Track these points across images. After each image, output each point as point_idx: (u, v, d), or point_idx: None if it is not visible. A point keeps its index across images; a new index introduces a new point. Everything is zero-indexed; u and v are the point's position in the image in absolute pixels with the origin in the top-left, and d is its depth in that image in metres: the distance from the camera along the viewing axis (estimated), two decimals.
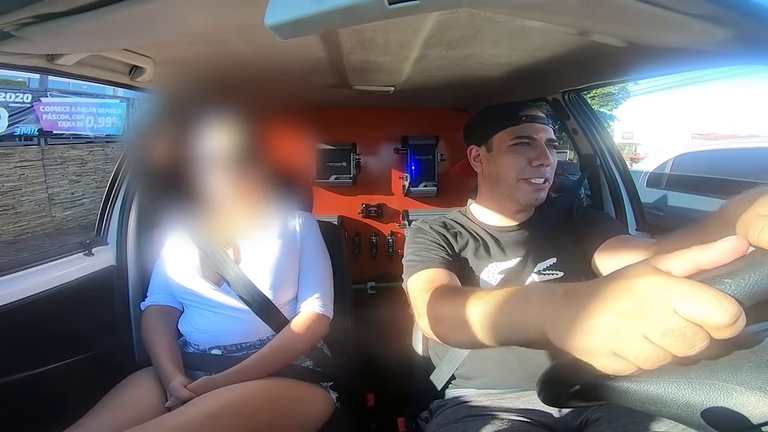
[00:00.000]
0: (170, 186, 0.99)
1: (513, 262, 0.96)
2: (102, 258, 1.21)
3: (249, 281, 1.04)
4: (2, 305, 0.90)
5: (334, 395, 1.09)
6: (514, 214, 1.01)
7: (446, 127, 1.97)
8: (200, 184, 0.99)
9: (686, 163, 4.04)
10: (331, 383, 1.11)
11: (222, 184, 1.00)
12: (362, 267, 1.99)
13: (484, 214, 1.04)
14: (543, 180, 0.94)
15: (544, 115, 0.96)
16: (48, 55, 0.74)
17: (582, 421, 0.82)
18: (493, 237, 1.00)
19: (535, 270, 0.95)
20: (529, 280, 0.94)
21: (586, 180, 1.38)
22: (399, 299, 1.12)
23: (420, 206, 2.00)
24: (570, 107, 1.34)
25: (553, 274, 0.95)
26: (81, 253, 1.17)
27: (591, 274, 0.92)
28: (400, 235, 1.99)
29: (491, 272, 0.95)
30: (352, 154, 1.90)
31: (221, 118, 0.99)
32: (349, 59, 1.04)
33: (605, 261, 0.88)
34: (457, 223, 1.04)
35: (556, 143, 0.96)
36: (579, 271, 0.94)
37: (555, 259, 0.96)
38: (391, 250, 2.00)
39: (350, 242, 1.96)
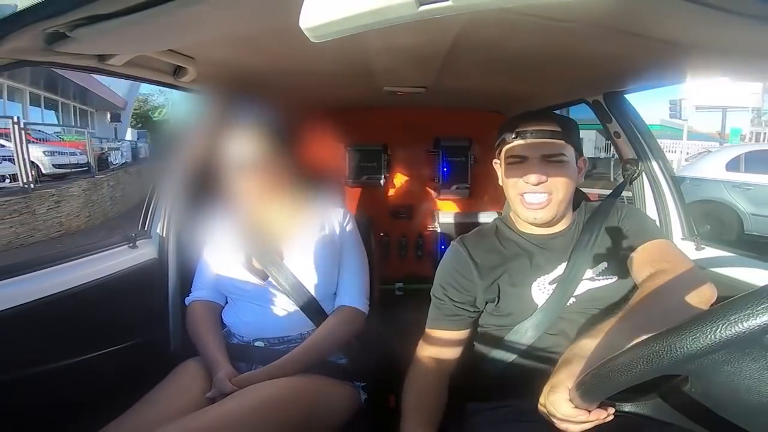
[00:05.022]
0: (213, 184, 1.02)
1: (561, 269, 0.93)
2: (145, 251, 1.26)
3: (293, 276, 1.07)
4: (51, 294, 0.95)
5: (363, 395, 1.11)
6: (546, 224, 0.99)
7: (480, 129, 1.94)
8: (241, 183, 1.02)
9: None
10: (364, 384, 1.12)
11: (261, 183, 1.03)
12: (390, 267, 1.98)
13: (523, 222, 1.01)
14: (541, 199, 0.91)
15: (541, 128, 0.91)
16: (99, 55, 0.79)
17: (622, 428, 0.79)
18: (537, 246, 0.98)
19: (587, 276, 0.92)
20: (582, 289, 0.92)
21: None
22: (427, 301, 1.11)
23: (451, 208, 1.98)
24: (612, 110, 1.28)
25: (607, 279, 0.92)
26: (126, 246, 1.23)
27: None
28: (429, 237, 1.97)
29: (542, 285, 0.94)
30: (383, 155, 1.91)
31: (259, 118, 1.02)
32: (380, 60, 1.05)
33: (633, 266, 0.89)
34: (497, 236, 1.03)
35: (561, 157, 0.91)
36: (629, 273, 0.91)
37: (606, 263, 0.93)
38: (420, 251, 1.99)
39: (379, 242, 1.97)
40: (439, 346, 1.00)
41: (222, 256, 1.14)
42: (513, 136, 0.93)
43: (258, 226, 1.10)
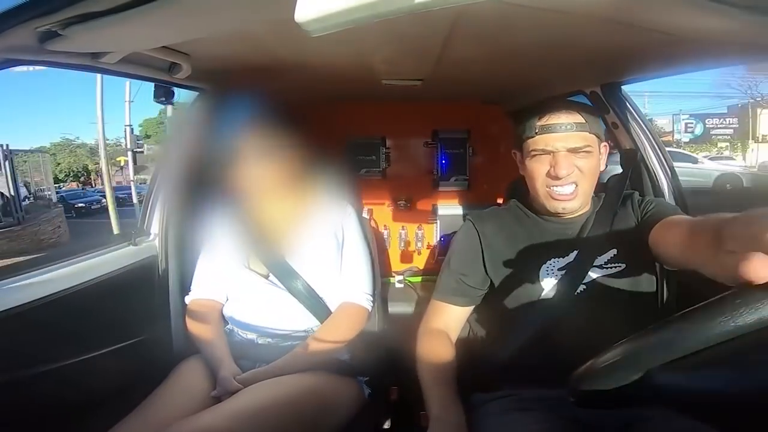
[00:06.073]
0: (207, 179, 1.02)
1: (571, 257, 0.95)
2: (145, 249, 1.26)
3: (295, 272, 1.07)
4: (52, 294, 0.95)
5: (367, 390, 1.11)
6: (572, 213, 1.00)
7: (478, 120, 1.93)
8: (239, 178, 1.02)
9: None
10: (367, 378, 1.13)
11: (259, 178, 1.02)
12: (390, 261, 1.99)
13: (540, 207, 1.02)
14: (568, 191, 0.93)
15: (567, 122, 0.92)
16: (92, 53, 0.78)
17: (629, 421, 0.80)
18: (550, 230, 1.00)
19: (596, 264, 0.94)
20: (591, 276, 0.94)
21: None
22: (427, 294, 1.12)
23: (450, 200, 1.98)
24: (609, 101, 1.28)
25: (615, 267, 0.94)
26: (126, 244, 1.23)
27: (651, 263, 0.92)
28: (429, 230, 1.97)
29: (551, 268, 0.95)
30: (381, 148, 1.90)
31: (255, 113, 1.01)
32: (376, 53, 1.04)
33: (659, 240, 0.86)
34: (512, 217, 1.05)
35: (587, 148, 0.92)
36: (639, 261, 0.93)
37: (615, 251, 0.95)
38: (419, 244, 1.98)
39: (378, 236, 1.97)
40: (442, 319, 1.03)
41: (223, 254, 1.14)
42: (537, 130, 0.93)
43: (258, 223, 1.10)
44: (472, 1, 0.42)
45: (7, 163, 7.49)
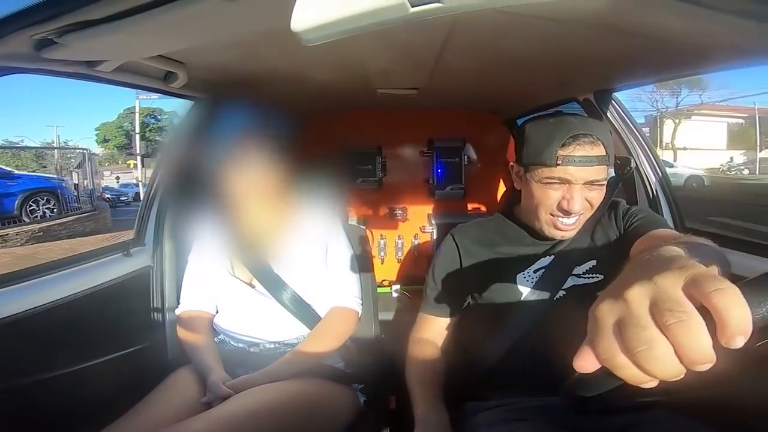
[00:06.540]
0: (201, 188, 1.02)
1: (550, 263, 0.95)
2: (139, 259, 1.26)
3: (281, 280, 1.07)
4: (48, 303, 0.94)
5: (362, 398, 1.10)
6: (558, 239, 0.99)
7: (473, 129, 1.95)
8: (231, 186, 1.01)
9: None
10: (362, 386, 1.12)
11: (251, 185, 1.02)
12: (387, 270, 1.98)
13: (525, 218, 1.01)
14: (572, 221, 0.90)
15: (592, 155, 0.86)
16: (88, 61, 0.78)
17: (625, 426, 0.79)
18: (530, 238, 0.99)
19: (574, 272, 0.93)
20: (569, 284, 0.93)
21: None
22: None
23: (446, 209, 1.98)
24: (603, 108, 1.29)
25: (593, 277, 0.93)
26: (120, 254, 1.22)
27: None
28: (425, 238, 1.97)
29: (529, 274, 0.95)
30: (377, 157, 1.91)
31: (251, 122, 1.01)
32: (372, 62, 1.05)
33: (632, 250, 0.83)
34: (493, 228, 1.05)
35: (603, 181, 0.89)
36: (617, 274, 0.90)
37: (595, 261, 0.94)
38: (416, 253, 1.98)
39: (375, 245, 1.96)
40: (429, 330, 1.07)
41: (210, 264, 1.13)
42: (559, 160, 0.86)
43: (245, 233, 1.10)
44: (467, 10, 0.43)
45: (88, 163, 9.60)
